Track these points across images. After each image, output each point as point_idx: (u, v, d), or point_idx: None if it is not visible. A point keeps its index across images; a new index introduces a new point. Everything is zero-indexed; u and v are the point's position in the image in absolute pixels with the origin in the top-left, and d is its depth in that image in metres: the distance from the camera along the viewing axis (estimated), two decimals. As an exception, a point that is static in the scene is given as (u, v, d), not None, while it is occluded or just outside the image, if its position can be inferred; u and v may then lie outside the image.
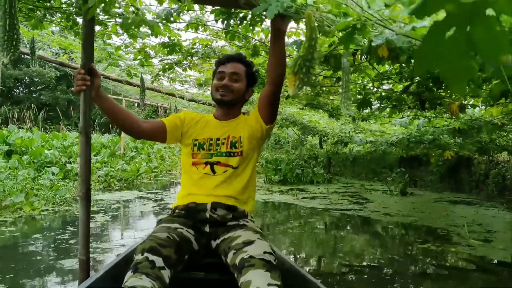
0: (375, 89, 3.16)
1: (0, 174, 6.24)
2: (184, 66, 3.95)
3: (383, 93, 3.14)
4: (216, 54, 3.45)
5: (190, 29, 2.86)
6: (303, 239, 4.88)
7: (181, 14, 2.41)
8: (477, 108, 3.29)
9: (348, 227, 5.60)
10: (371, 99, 3.12)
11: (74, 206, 6.09)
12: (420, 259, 4.11)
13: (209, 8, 2.64)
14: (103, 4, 1.72)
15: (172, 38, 2.99)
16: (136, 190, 8.35)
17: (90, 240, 1.87)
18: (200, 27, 2.92)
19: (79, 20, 2.70)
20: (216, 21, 2.39)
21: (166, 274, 1.42)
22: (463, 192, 9.00)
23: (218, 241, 1.74)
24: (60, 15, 2.85)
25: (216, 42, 3.43)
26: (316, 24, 1.10)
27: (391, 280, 3.45)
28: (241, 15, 2.26)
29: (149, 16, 2.53)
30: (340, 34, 1.35)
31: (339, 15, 1.42)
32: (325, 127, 5.35)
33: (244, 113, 2.04)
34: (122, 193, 7.79)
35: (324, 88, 3.08)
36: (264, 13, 1.38)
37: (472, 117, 3.29)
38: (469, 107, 3.19)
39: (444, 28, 0.62)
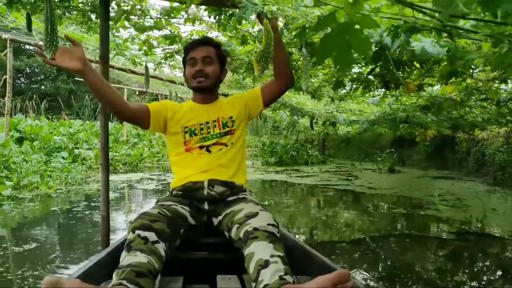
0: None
1: (15, 158, 6.79)
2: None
3: (354, 76, 3.67)
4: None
5: (188, 23, 3.40)
6: (292, 207, 5.46)
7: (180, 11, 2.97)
8: (436, 87, 3.83)
9: (333, 199, 6.17)
10: (343, 81, 3.67)
11: (84, 186, 6.66)
12: (391, 221, 4.69)
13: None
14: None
15: (172, 30, 3.53)
16: (140, 173, 8.92)
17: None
18: (196, 21, 3.46)
19: (93, 16, 3.25)
20: (209, 16, 2.95)
21: (161, 247, 1.42)
22: (447, 169, 9.59)
23: (220, 217, 1.77)
24: (76, 12, 3.37)
25: (210, 33, 3.96)
26: (271, 29, 1.63)
27: (363, 235, 4.03)
28: (230, 12, 2.80)
29: (153, 13, 3.09)
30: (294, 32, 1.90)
31: (296, 16, 1.96)
32: (312, 108, 5.89)
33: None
34: (127, 175, 8.37)
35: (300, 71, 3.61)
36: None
37: (431, 95, 3.82)
38: (428, 86, 3.72)
39: (333, 36, 1.19)
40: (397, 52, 2.25)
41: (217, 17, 2.88)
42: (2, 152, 6.54)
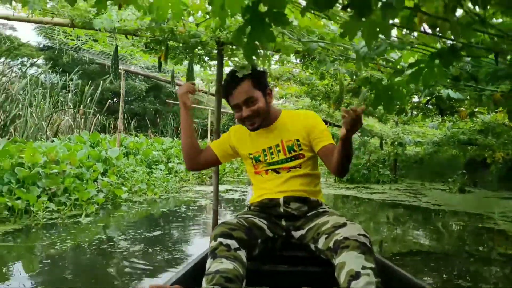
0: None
1: (127, 169, 8.17)
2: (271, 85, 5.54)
3: (414, 104, 4.43)
4: (294, 77, 4.97)
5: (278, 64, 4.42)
6: (360, 217, 6.19)
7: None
8: (488, 115, 4.47)
9: (398, 211, 6.81)
10: (405, 108, 4.45)
11: (181, 194, 7.89)
12: (451, 230, 5.28)
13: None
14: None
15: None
16: (225, 185, 10.06)
17: (200, 213, 3.28)
18: (285, 62, 4.44)
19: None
20: (296, 58, 3.94)
21: (242, 254, 1.49)
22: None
23: (302, 231, 1.78)
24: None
25: (295, 70, 4.93)
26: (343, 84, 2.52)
27: (423, 240, 4.70)
28: (312, 56, 3.75)
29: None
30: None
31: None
32: (380, 129, 6.61)
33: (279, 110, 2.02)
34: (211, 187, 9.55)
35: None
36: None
37: (484, 121, 4.47)
38: (480, 113, 4.38)
39: (379, 93, 2.09)
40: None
41: (302, 60, 3.85)
42: (116, 163, 7.95)
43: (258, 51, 0.96)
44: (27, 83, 13.12)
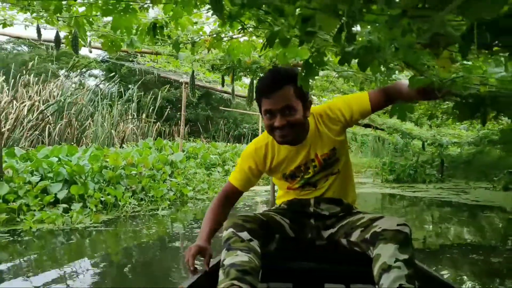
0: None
1: (189, 171, 9.21)
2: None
3: (444, 108, 5.06)
4: (338, 89, 5.70)
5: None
6: (399, 211, 6.83)
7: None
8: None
9: (436, 207, 7.39)
10: (435, 113, 5.08)
11: (238, 192, 8.82)
12: (480, 219, 5.85)
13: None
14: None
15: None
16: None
17: (256, 207, 4.16)
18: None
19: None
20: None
21: (255, 244, 1.45)
22: None
23: (332, 230, 1.71)
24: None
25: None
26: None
27: (459, 226, 5.32)
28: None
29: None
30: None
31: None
32: (419, 132, 7.19)
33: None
34: (265, 187, 10.40)
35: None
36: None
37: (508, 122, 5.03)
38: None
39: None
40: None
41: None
42: (180, 166, 8.99)
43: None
44: (95, 94, 14.62)
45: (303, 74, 1.32)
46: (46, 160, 6.17)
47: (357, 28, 1.31)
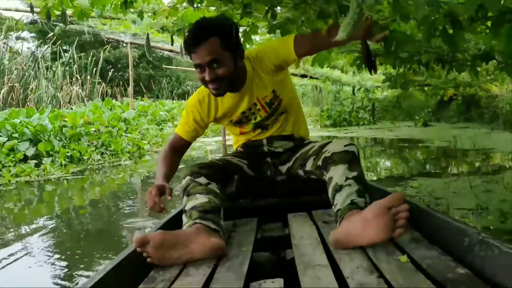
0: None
1: (142, 127, 9.81)
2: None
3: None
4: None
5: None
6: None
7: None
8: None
9: (364, 142, 8.58)
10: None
11: (190, 143, 9.60)
12: (398, 149, 7.06)
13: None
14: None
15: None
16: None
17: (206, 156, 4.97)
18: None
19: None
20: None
21: (214, 186, 1.49)
22: (472, 122, 11.47)
23: (289, 164, 1.77)
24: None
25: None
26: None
27: (380, 153, 6.46)
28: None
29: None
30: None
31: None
32: (346, 80, 8.18)
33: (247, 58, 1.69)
34: (215, 138, 11.23)
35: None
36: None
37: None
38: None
39: None
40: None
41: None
42: (133, 123, 9.57)
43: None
44: (34, 57, 14.46)
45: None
46: (9, 122, 6.60)
47: (278, 9, 2.13)
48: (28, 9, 3.79)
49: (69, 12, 4.40)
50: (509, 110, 9.21)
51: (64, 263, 2.50)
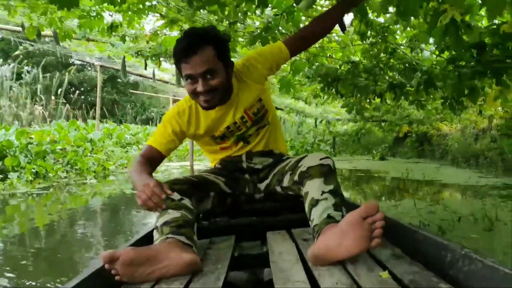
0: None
1: (108, 148, 9.87)
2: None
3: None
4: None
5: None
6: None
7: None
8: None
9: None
10: (318, 93, 6.48)
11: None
12: (356, 178, 7.49)
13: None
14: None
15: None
16: (188, 162, 11.93)
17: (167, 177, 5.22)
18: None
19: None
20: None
21: (187, 202, 1.42)
22: (424, 157, 12.21)
23: (267, 180, 1.74)
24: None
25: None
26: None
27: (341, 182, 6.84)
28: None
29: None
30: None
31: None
32: (309, 111, 8.66)
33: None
34: (180, 163, 11.38)
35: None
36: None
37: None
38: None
39: None
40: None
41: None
42: (99, 144, 9.63)
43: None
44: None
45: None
46: (-26, 137, 6.60)
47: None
48: None
49: (46, 32, 4.64)
50: (457, 148, 9.94)
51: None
